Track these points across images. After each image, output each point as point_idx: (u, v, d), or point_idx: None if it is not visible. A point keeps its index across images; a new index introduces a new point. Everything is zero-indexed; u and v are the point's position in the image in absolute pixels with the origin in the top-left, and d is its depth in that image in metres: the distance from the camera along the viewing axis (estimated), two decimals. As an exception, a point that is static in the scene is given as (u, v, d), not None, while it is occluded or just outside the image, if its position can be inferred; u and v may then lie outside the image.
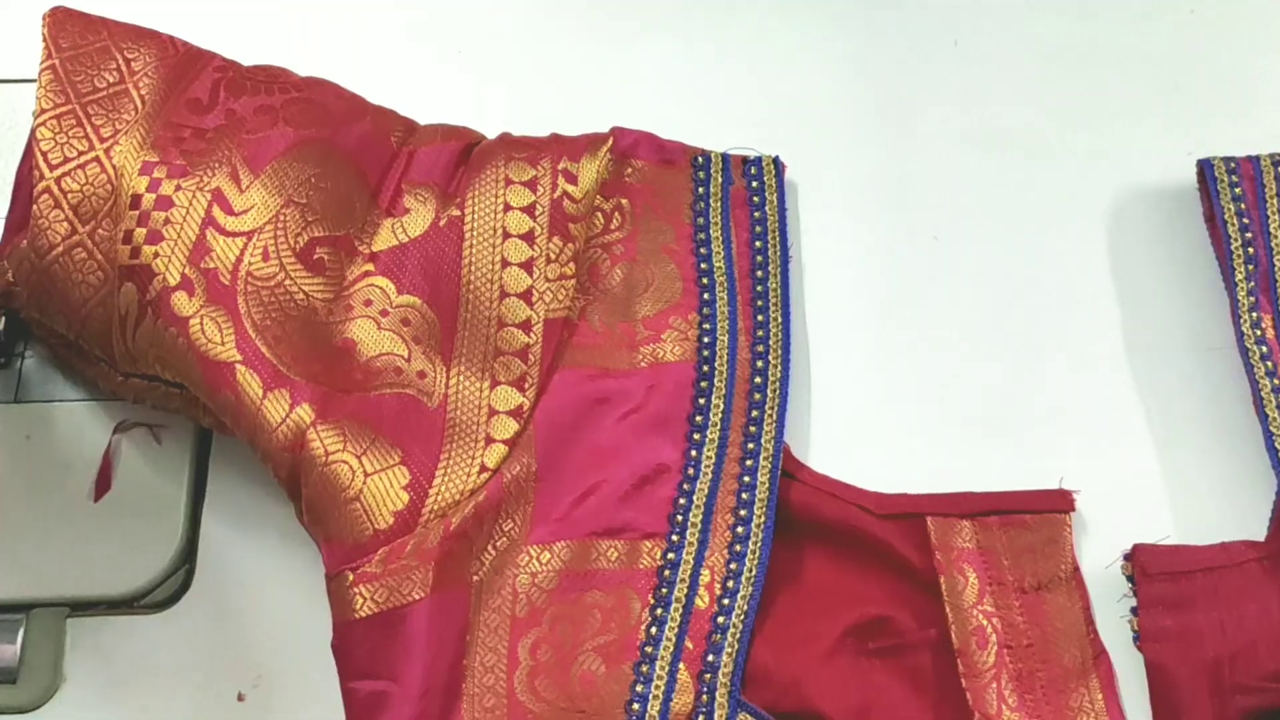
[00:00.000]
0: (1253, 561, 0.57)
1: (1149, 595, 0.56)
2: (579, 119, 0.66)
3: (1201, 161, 0.65)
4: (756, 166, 0.66)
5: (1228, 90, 0.70)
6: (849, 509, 0.59)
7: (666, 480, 0.58)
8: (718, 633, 0.54)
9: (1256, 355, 0.61)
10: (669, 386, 0.60)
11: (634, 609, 0.55)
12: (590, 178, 0.63)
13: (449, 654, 0.53)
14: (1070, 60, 0.71)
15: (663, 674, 0.54)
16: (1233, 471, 0.61)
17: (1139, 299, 0.65)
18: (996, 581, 0.57)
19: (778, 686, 0.54)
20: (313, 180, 0.59)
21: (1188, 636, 0.55)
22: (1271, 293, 0.62)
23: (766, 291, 0.63)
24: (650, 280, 0.62)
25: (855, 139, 0.69)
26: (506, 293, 0.60)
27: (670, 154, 0.65)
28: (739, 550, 0.56)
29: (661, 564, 0.56)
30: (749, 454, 0.59)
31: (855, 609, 0.56)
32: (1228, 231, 0.63)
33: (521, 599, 0.55)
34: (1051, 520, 0.58)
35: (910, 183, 0.68)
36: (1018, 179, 0.68)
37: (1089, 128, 0.69)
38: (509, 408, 0.58)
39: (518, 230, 0.61)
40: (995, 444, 0.62)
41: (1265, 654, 0.55)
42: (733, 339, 0.61)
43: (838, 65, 0.71)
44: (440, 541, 0.54)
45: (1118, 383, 0.63)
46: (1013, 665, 0.56)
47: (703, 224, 0.64)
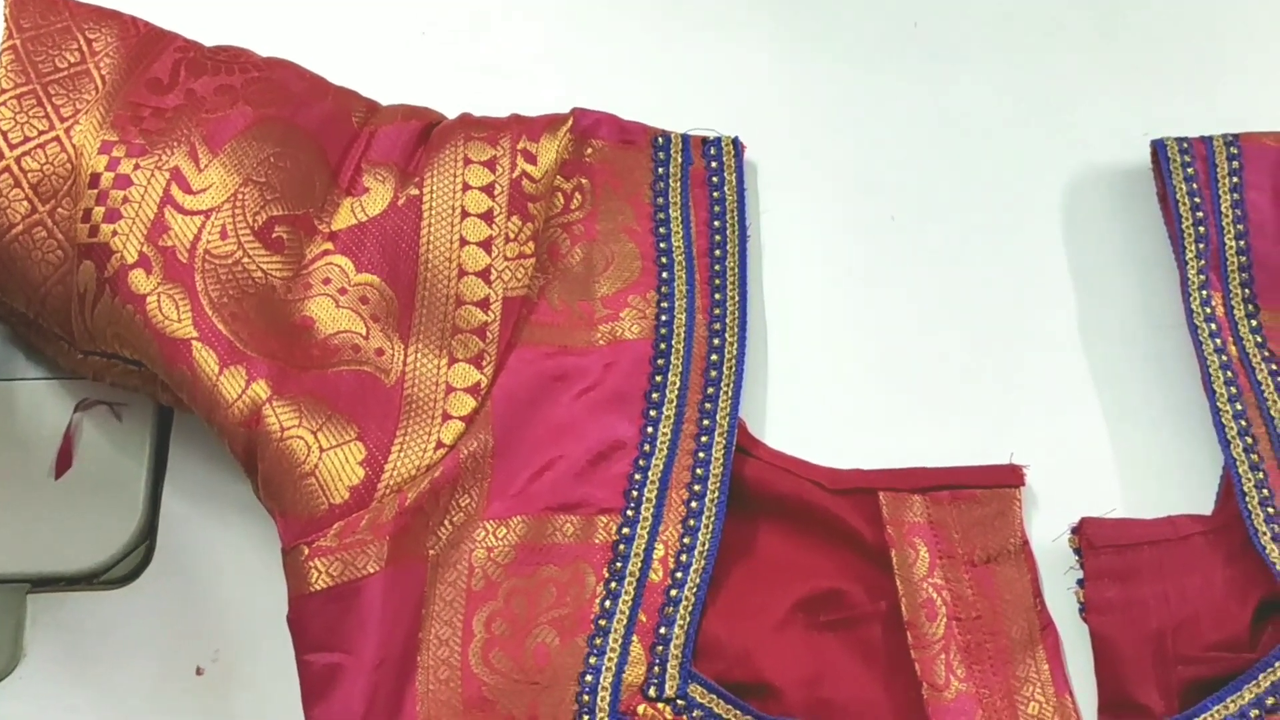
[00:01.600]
0: (1198, 535, 0.59)
1: (1095, 568, 0.58)
2: (539, 100, 0.67)
3: (1155, 142, 0.67)
4: (716, 147, 0.67)
5: (1186, 71, 0.71)
6: (802, 484, 0.60)
7: (622, 456, 0.59)
8: (670, 605, 0.56)
9: (1205, 333, 0.62)
10: (626, 364, 0.61)
11: (589, 583, 0.57)
12: (550, 157, 0.64)
13: (404, 627, 0.55)
14: (1029, 41, 0.72)
15: (615, 646, 0.55)
16: (1181, 447, 0.62)
17: (1093, 278, 0.67)
18: (946, 555, 0.59)
19: (729, 658, 0.55)
20: (272, 159, 0.60)
21: (1132, 608, 0.57)
22: (1221, 271, 0.64)
23: (724, 271, 0.64)
24: (610, 259, 0.64)
25: (815, 119, 0.70)
26: (465, 271, 0.61)
27: (631, 134, 0.67)
28: (692, 525, 0.58)
29: (616, 538, 0.57)
30: (704, 430, 0.60)
31: (807, 582, 0.58)
32: (1179, 211, 0.65)
33: (477, 573, 0.56)
34: (1001, 495, 0.60)
35: (869, 163, 0.70)
36: (975, 159, 0.70)
37: (1047, 108, 0.71)
38: (466, 385, 0.59)
39: (476, 209, 0.62)
40: (949, 420, 0.64)
41: (1208, 625, 0.56)
42: (690, 317, 0.63)
43: (798, 46, 0.72)
44: (395, 516, 0.56)
45: (1070, 360, 0.65)
46: (961, 637, 0.57)
47: (662, 204, 0.66)
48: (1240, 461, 0.59)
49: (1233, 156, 0.66)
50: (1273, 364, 0.61)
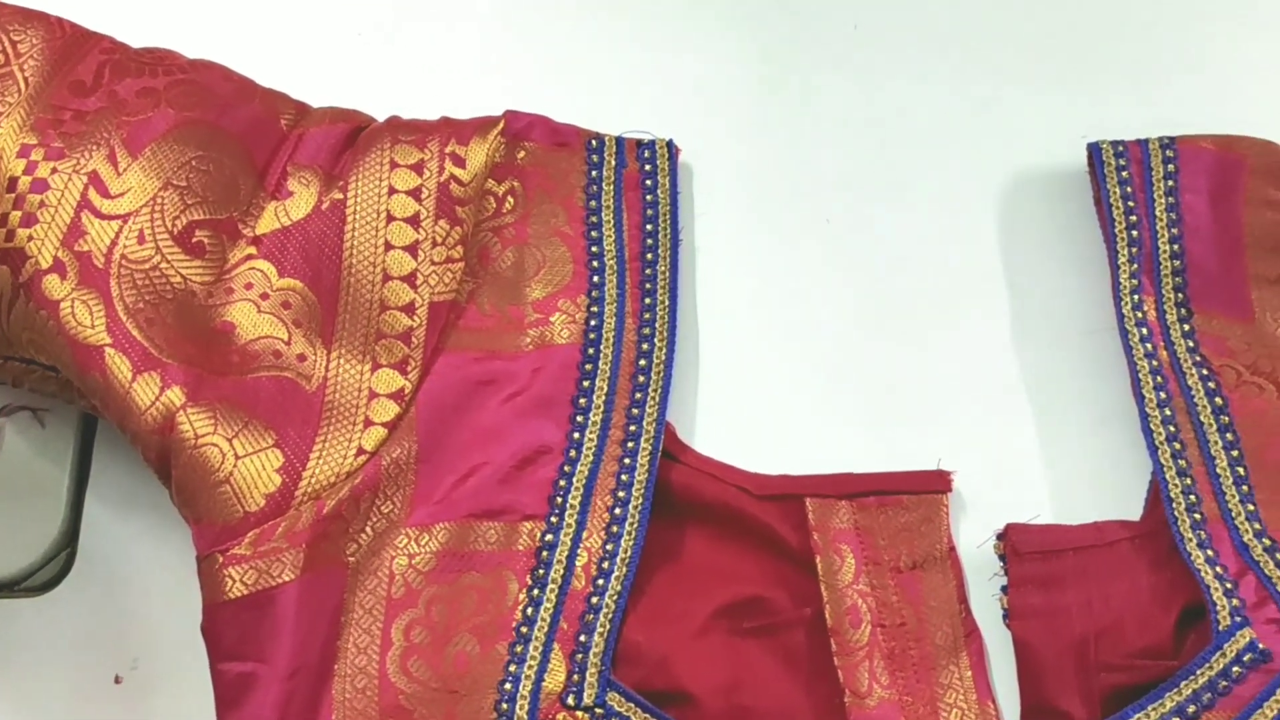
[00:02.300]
0: (1124, 541, 0.59)
1: (1019, 574, 0.58)
2: (474, 103, 0.67)
3: (1090, 145, 0.67)
4: (650, 150, 0.67)
5: (1125, 72, 0.71)
6: (728, 490, 0.60)
7: (548, 462, 0.59)
8: (591, 613, 0.56)
9: (1136, 337, 0.62)
10: (554, 369, 0.61)
11: (511, 590, 0.57)
12: (479, 161, 0.64)
13: (320, 635, 0.55)
14: (968, 42, 0.72)
15: (536, 654, 0.55)
16: (1112, 452, 0.62)
17: (1028, 281, 0.67)
18: (872, 561, 0.59)
19: (647, 665, 0.55)
20: (193, 163, 0.60)
21: (1056, 615, 0.57)
22: (1154, 275, 0.64)
23: (655, 275, 0.64)
24: (541, 263, 0.64)
25: (752, 121, 0.70)
26: (390, 276, 0.61)
27: (564, 137, 0.66)
28: (616, 531, 0.58)
29: (540, 545, 0.57)
30: (630, 436, 0.60)
31: (730, 588, 0.58)
32: (1112, 215, 0.65)
33: (398, 580, 0.56)
34: (928, 501, 0.60)
35: (805, 165, 0.69)
36: (913, 161, 0.70)
37: (986, 110, 0.71)
38: (390, 391, 0.59)
39: (402, 213, 0.62)
40: (879, 425, 0.64)
41: (1132, 632, 0.57)
42: (620, 322, 0.63)
43: (736, 47, 0.72)
44: (313, 524, 0.56)
45: (1002, 364, 0.65)
46: (885, 644, 0.57)
47: (595, 207, 0.65)
48: (1168, 467, 0.59)
49: (1168, 160, 0.66)
50: (1204, 369, 0.61)
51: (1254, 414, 0.60)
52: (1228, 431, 0.60)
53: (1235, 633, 0.55)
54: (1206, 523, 0.58)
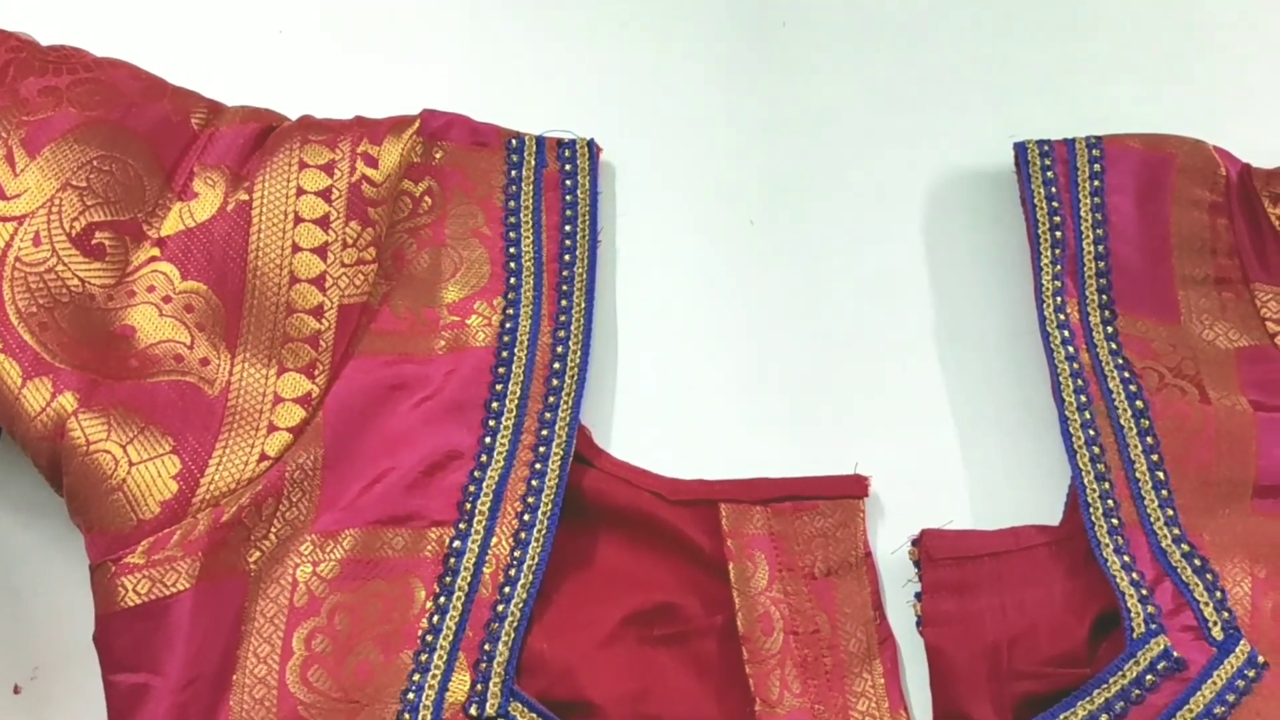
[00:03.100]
0: (1041, 546, 0.59)
1: (933, 580, 0.58)
2: (395, 101, 0.66)
3: (1016, 144, 0.66)
4: (571, 149, 0.66)
5: (1052, 71, 0.71)
6: (642, 495, 0.60)
7: (459, 467, 0.59)
8: (496, 621, 0.55)
9: (1057, 340, 0.62)
10: (467, 372, 0.61)
11: (418, 598, 0.56)
12: (393, 161, 0.63)
13: (219, 644, 0.54)
14: (897, 42, 0.71)
15: (440, 663, 0.55)
16: (1033, 456, 0.62)
17: (953, 283, 0.66)
18: (786, 567, 0.58)
19: (551, 675, 0.55)
20: (95, 163, 0.59)
21: (968, 621, 0.57)
22: (1079, 276, 0.63)
23: (573, 276, 0.64)
24: (458, 264, 0.63)
25: (677, 120, 0.70)
26: (297, 278, 0.60)
27: (484, 136, 0.66)
28: (524, 538, 0.57)
29: (448, 552, 0.57)
30: (542, 441, 0.59)
31: (641, 596, 0.57)
32: (1035, 215, 0.64)
33: (301, 588, 0.56)
34: (845, 506, 0.59)
35: (731, 166, 0.69)
36: (840, 162, 0.69)
37: (914, 109, 0.70)
38: (296, 395, 0.59)
39: (311, 215, 0.61)
40: (800, 429, 0.63)
41: (1045, 639, 0.56)
42: (535, 325, 0.62)
43: (663, 46, 0.71)
44: (210, 531, 0.55)
45: (925, 367, 0.65)
46: (798, 651, 0.57)
47: (514, 207, 0.65)
48: (1086, 471, 0.59)
49: (1095, 159, 0.65)
50: (1126, 371, 0.61)
51: (1176, 417, 0.60)
52: (1148, 435, 0.59)
53: (1149, 640, 0.54)
54: (1124, 528, 0.58)
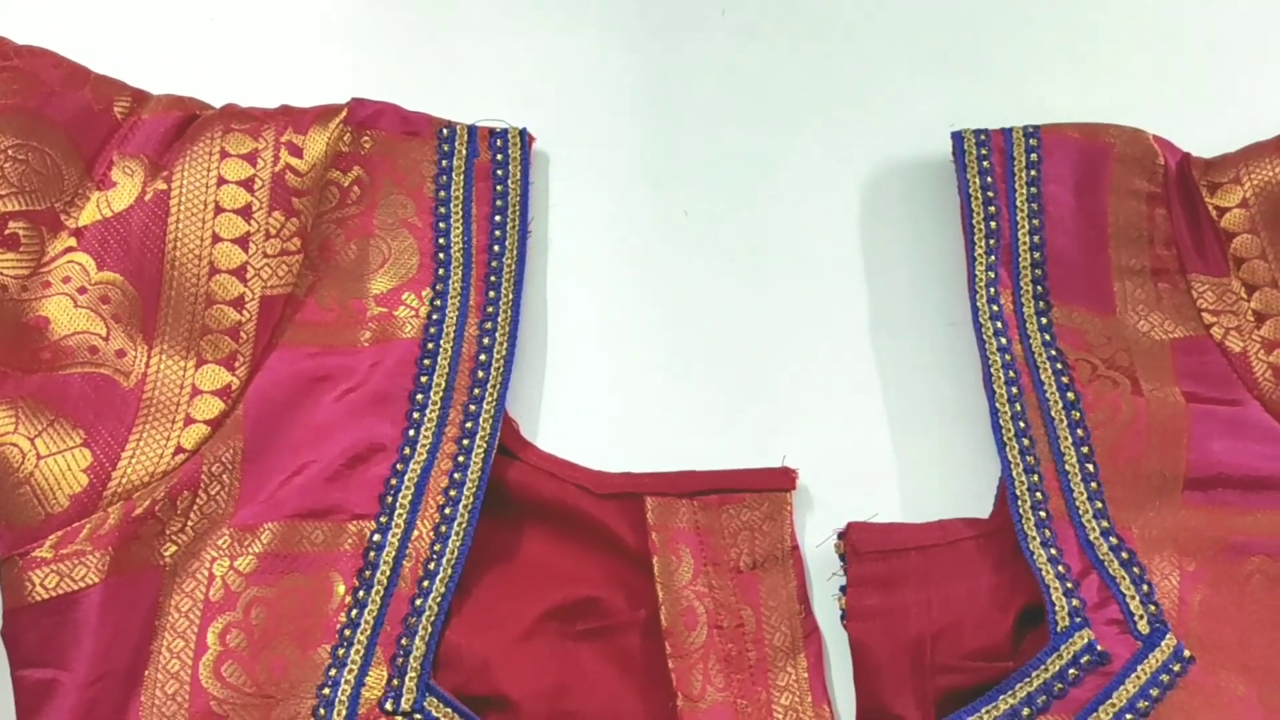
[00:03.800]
0: (969, 540, 0.58)
1: (858, 574, 0.58)
2: (323, 92, 0.66)
3: (954, 133, 0.66)
4: (503, 139, 0.66)
5: (993, 61, 0.70)
6: (567, 488, 0.59)
7: (382, 459, 0.58)
8: (414, 615, 0.55)
9: (990, 331, 0.62)
10: (392, 364, 0.60)
11: (337, 592, 0.56)
12: (318, 150, 0.63)
13: (130, 640, 0.54)
14: (837, 31, 0.71)
15: (357, 658, 0.54)
16: (965, 449, 0.62)
17: (890, 274, 0.66)
18: (712, 561, 0.58)
19: (467, 669, 0.55)
20: (10, 152, 0.58)
21: (893, 615, 0.57)
22: (1013, 267, 0.63)
23: (501, 267, 0.63)
24: (387, 255, 0.63)
25: (612, 110, 0.69)
26: (217, 269, 0.60)
27: (414, 125, 0.65)
28: (444, 531, 0.57)
29: (367, 545, 0.57)
30: (466, 433, 0.59)
31: (564, 590, 0.57)
32: (970, 206, 0.64)
33: (217, 582, 0.55)
34: (772, 499, 0.59)
35: (667, 156, 0.69)
36: (777, 152, 0.69)
37: (853, 100, 0.70)
38: (215, 387, 0.58)
39: (232, 205, 0.61)
40: (732, 421, 0.63)
41: (969, 633, 0.56)
42: (462, 316, 0.62)
43: (598, 33, 0.71)
44: (121, 525, 0.55)
45: (861, 359, 0.64)
46: (722, 646, 0.57)
47: (444, 198, 0.65)
48: (1015, 464, 0.59)
49: (1032, 149, 0.65)
50: (1058, 363, 0.61)
51: (1107, 409, 0.60)
52: (1078, 427, 0.59)
53: (1073, 634, 0.54)
54: (1052, 520, 0.57)
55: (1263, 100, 0.68)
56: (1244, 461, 0.58)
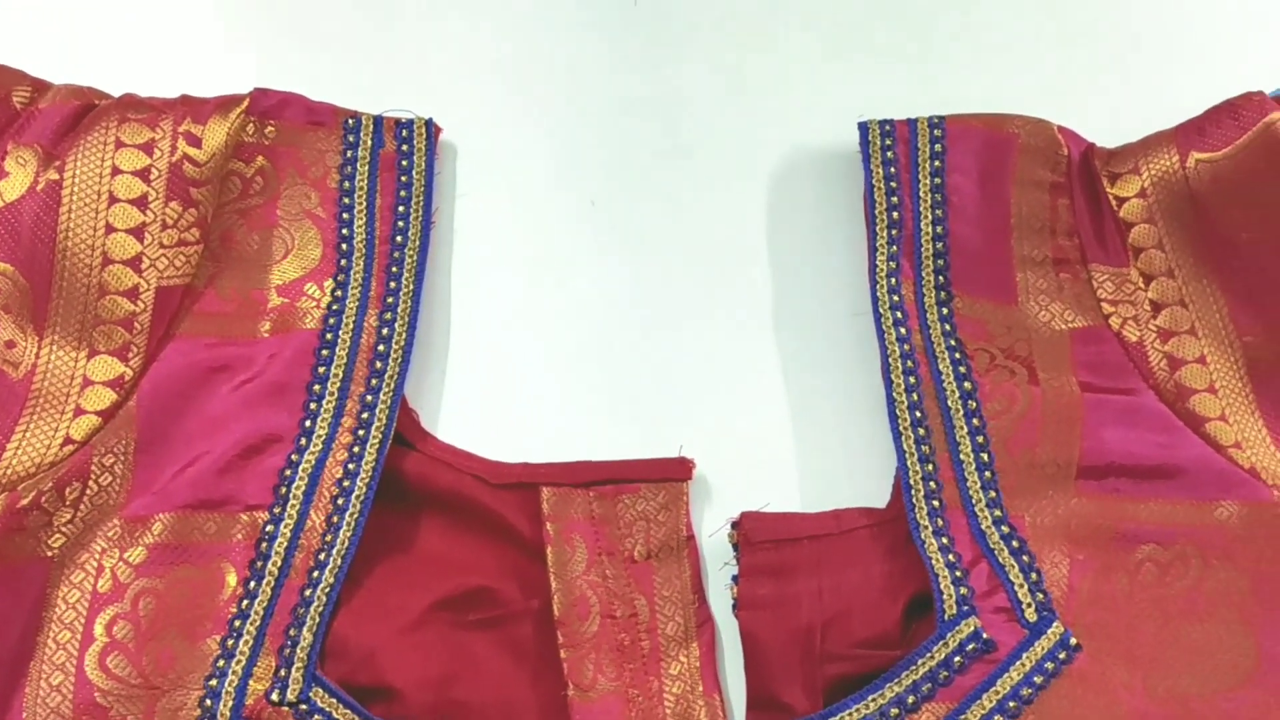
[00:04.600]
0: (863, 529, 0.59)
1: (751, 563, 0.58)
2: (228, 82, 0.66)
3: (860, 124, 0.67)
4: (408, 129, 0.66)
5: (903, 51, 0.71)
6: (464, 479, 0.60)
7: (277, 450, 0.59)
8: (302, 606, 0.55)
9: (889, 321, 0.62)
10: (290, 355, 0.61)
11: (229, 583, 0.56)
12: (218, 140, 0.63)
13: (14, 632, 0.54)
14: (749, 21, 0.71)
15: (246, 649, 0.55)
16: (865, 439, 0.62)
17: (795, 264, 0.67)
18: (606, 551, 0.59)
19: (354, 659, 0.55)
20: (-97, 143, 0.59)
21: (784, 604, 0.57)
22: (915, 257, 0.64)
23: (403, 258, 0.64)
24: (290, 246, 0.63)
25: (521, 100, 0.70)
26: (110, 259, 0.60)
27: (319, 115, 0.66)
28: (336, 522, 0.57)
29: (260, 536, 0.57)
30: (363, 424, 0.59)
31: (457, 580, 0.58)
32: (873, 196, 0.65)
33: (106, 573, 0.56)
34: (668, 489, 0.60)
35: (576, 146, 0.69)
36: (687, 143, 0.69)
37: (764, 89, 0.70)
38: (107, 378, 0.58)
39: (127, 195, 0.61)
40: (633, 411, 0.64)
41: (859, 622, 0.57)
42: (363, 307, 0.62)
43: (506, 24, 0.71)
44: (5, 516, 0.55)
45: (764, 350, 0.65)
46: (615, 635, 0.57)
47: (348, 188, 0.65)
48: (910, 453, 0.59)
49: (936, 139, 0.66)
50: (957, 353, 0.61)
51: (1004, 398, 0.60)
52: (974, 416, 0.60)
53: (960, 622, 0.55)
54: (945, 509, 0.58)
55: (1167, 89, 0.68)
56: (1137, 450, 0.59)
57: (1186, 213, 0.62)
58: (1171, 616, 0.56)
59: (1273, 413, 0.59)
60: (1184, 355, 0.60)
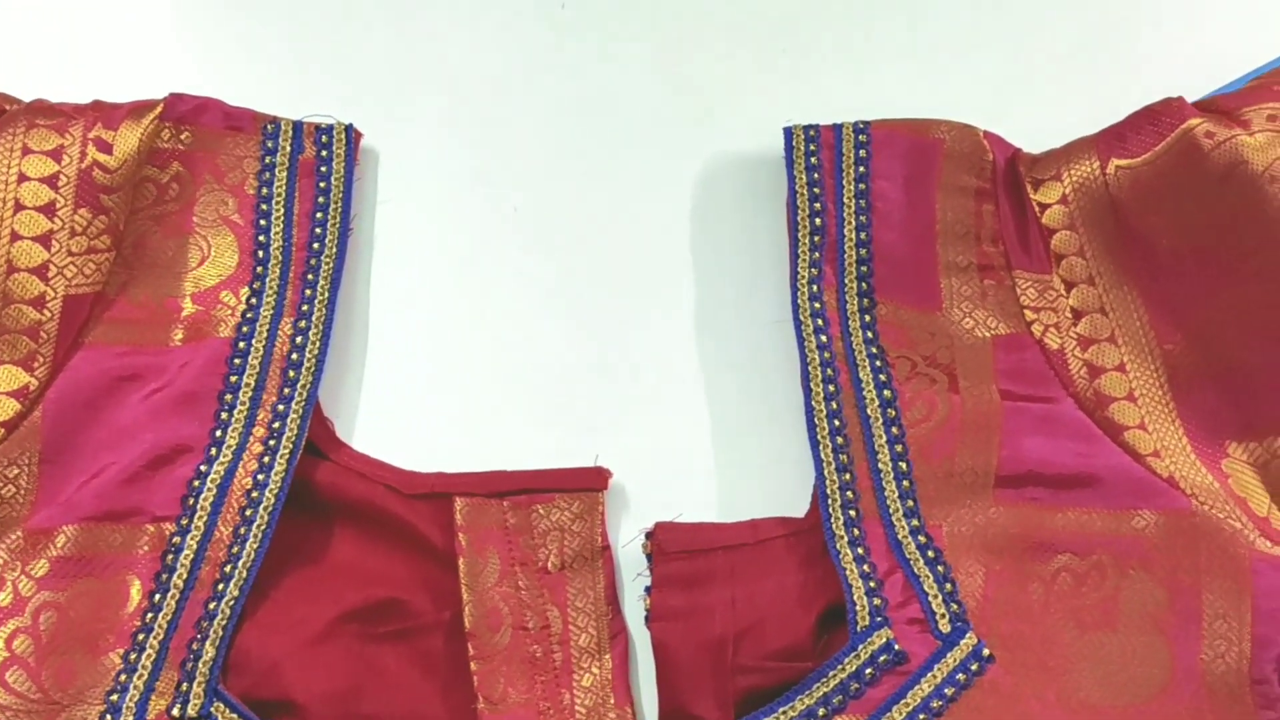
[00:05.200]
0: (779, 539, 0.59)
1: (664, 574, 0.58)
2: (160, 83, 0.65)
3: (785, 129, 0.66)
4: (328, 134, 0.66)
5: (834, 55, 0.70)
6: (376, 489, 0.59)
7: (187, 461, 0.58)
8: (206, 619, 0.55)
9: (810, 328, 0.62)
10: (202, 363, 0.60)
11: (133, 596, 0.56)
12: (130, 146, 0.62)
13: (-87, 646, 0.54)
14: (675, 25, 0.71)
15: (148, 663, 0.54)
16: (786, 448, 0.62)
17: (719, 271, 0.66)
18: (520, 562, 0.58)
19: (256, 673, 0.55)
20: None
21: (696, 615, 0.57)
22: (838, 263, 0.63)
23: (320, 265, 0.63)
24: (206, 253, 0.62)
25: (443, 105, 0.69)
26: (15, 267, 0.59)
27: (238, 120, 0.65)
28: (243, 533, 0.57)
29: (166, 548, 0.56)
30: (274, 434, 0.59)
31: (366, 591, 0.57)
32: (796, 202, 0.64)
33: (7, 587, 0.55)
34: (584, 498, 0.59)
35: (499, 152, 0.68)
36: (611, 147, 0.69)
37: (693, 94, 0.70)
38: (11, 388, 0.58)
39: (34, 202, 0.60)
40: (552, 421, 0.63)
41: (772, 633, 0.56)
42: (277, 315, 0.62)
43: (428, 28, 0.70)
44: (-96, 529, 0.54)
45: (684, 357, 0.64)
46: (527, 647, 0.57)
47: (266, 194, 0.64)
48: (827, 462, 0.59)
49: (861, 145, 0.65)
50: (878, 360, 0.61)
51: (924, 406, 0.60)
52: (893, 425, 0.60)
53: (872, 633, 0.55)
54: (862, 519, 0.58)
55: (1094, 94, 0.68)
56: (1055, 459, 0.58)
57: (1107, 219, 0.61)
58: (1087, 627, 0.56)
59: (1193, 421, 0.59)
60: (1103, 363, 0.60)
